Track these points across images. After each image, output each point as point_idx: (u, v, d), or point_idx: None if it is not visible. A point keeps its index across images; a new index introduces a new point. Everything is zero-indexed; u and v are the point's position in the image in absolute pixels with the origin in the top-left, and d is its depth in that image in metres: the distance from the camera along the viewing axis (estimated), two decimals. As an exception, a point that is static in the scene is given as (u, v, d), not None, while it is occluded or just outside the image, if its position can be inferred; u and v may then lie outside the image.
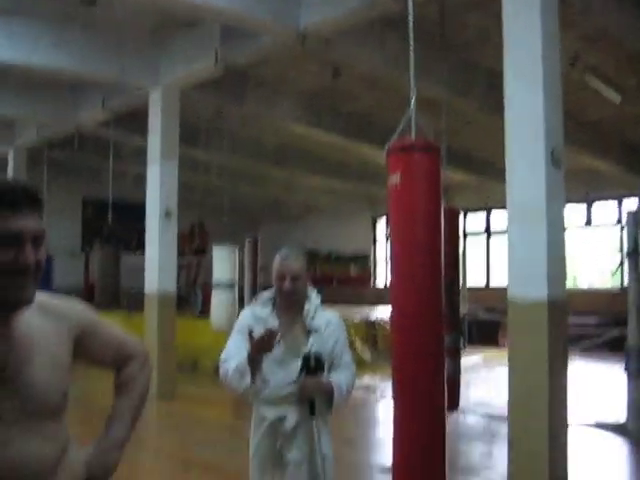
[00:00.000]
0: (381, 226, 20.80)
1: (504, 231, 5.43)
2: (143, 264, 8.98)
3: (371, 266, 21.13)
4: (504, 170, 5.26)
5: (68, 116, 10.36)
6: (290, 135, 12.45)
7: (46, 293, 1.65)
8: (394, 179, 3.24)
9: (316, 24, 6.66)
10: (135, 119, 10.21)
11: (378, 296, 18.02)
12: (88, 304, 1.90)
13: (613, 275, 14.15)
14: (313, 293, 2.98)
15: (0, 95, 9.91)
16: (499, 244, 16.68)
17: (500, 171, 5.76)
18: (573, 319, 10.76)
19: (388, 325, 10.89)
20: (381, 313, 13.27)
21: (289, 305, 2.90)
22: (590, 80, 8.75)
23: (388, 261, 16.39)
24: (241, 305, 9.07)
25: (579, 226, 15.99)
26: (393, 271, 3.36)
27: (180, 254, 10.68)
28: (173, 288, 8.88)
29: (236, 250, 10.32)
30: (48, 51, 7.80)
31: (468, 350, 13.39)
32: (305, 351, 2.78)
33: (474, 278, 16.63)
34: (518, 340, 5.16)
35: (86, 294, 14.93)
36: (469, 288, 14.27)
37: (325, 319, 2.93)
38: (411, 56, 3.68)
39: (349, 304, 15.28)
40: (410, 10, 4.11)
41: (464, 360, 8.21)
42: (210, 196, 17.32)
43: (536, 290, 4.98)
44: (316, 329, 2.88)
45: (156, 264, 8.63)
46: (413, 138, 3.37)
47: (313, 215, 21.84)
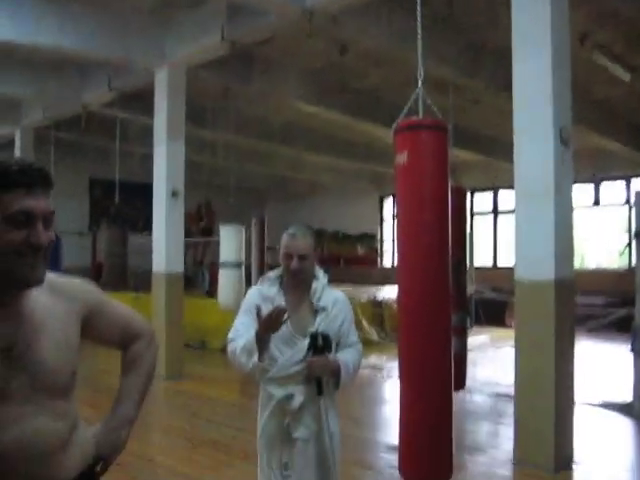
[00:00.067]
0: (388, 205, 20.75)
1: (512, 210, 5.42)
2: (150, 244, 9.02)
3: (378, 245, 21.11)
4: (512, 149, 5.24)
5: (74, 96, 10.32)
6: (297, 114, 12.39)
7: (54, 273, 1.66)
8: (401, 158, 3.22)
9: (323, 1, 6.59)
10: (141, 98, 10.18)
11: (385, 276, 18.03)
12: (95, 284, 1.90)
13: (621, 255, 14.11)
14: (320, 272, 2.98)
15: (6, 75, 9.88)
16: (507, 224, 16.61)
17: (508, 150, 5.73)
18: (580, 299, 10.76)
19: (395, 305, 10.91)
20: (388, 293, 13.28)
21: (296, 284, 2.90)
22: (599, 58, 8.66)
23: (395, 241, 16.37)
24: (248, 284, 9.08)
25: (587, 206, 15.91)
26: (400, 251, 3.36)
27: (187, 234, 10.69)
28: (180, 268, 8.91)
29: (243, 229, 10.32)
30: (53, 31, 7.75)
31: (475, 330, 13.42)
32: (312, 330, 2.79)
33: (481, 258, 16.61)
34: (525, 320, 5.17)
35: (94, 274, 14.99)
36: (476, 268, 14.25)
37: (332, 298, 2.93)
38: (418, 34, 3.65)
39: (356, 284, 15.29)
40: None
41: (471, 340, 8.22)
42: (217, 176, 17.29)
43: (543, 270, 4.98)
44: (323, 308, 2.88)
45: (163, 244, 8.65)
46: (421, 117, 3.35)
47: (320, 194, 21.80)
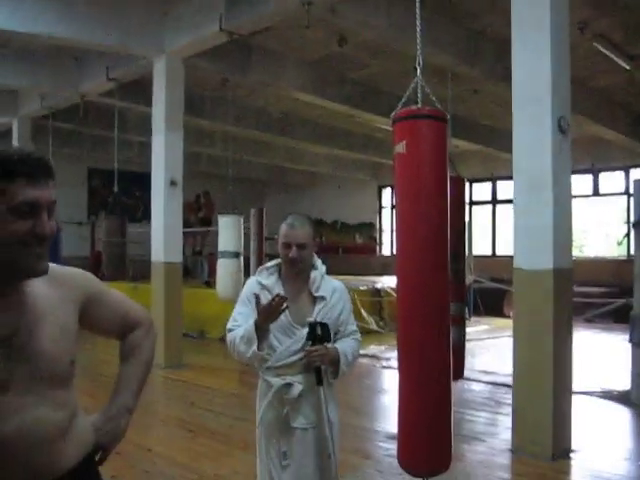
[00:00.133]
0: (387, 195, 20.75)
1: (510, 200, 5.42)
2: (149, 233, 9.02)
3: (377, 235, 21.12)
4: (511, 139, 5.23)
5: (72, 85, 10.29)
6: (295, 104, 12.38)
7: (53, 262, 1.66)
8: (400, 147, 3.21)
9: (321, -9, 6.57)
10: (140, 88, 10.16)
11: (384, 265, 18.04)
12: (94, 273, 1.91)
13: (619, 245, 14.13)
14: (319, 262, 2.98)
15: (3, 65, 9.85)
16: (505, 213, 16.61)
17: (507, 140, 5.72)
18: (578, 289, 10.78)
19: (394, 294, 10.92)
20: (387, 282, 13.29)
21: (295, 274, 2.90)
22: (599, 46, 8.64)
23: (394, 230, 16.42)
24: (247, 275, 9.09)
25: (586, 195, 15.89)
26: (398, 240, 3.35)
27: (186, 224, 10.69)
28: (179, 257, 8.93)
29: (241, 220, 10.32)
30: (51, 20, 7.71)
31: (473, 320, 13.46)
32: (311, 320, 2.79)
33: (480, 247, 16.63)
34: (523, 309, 5.18)
35: (92, 263, 14.99)
36: (475, 256, 14.28)
37: (331, 288, 2.94)
38: (417, 20, 3.63)
39: (355, 274, 15.30)
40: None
41: (469, 329, 8.24)
42: (216, 166, 17.30)
43: (542, 259, 4.98)
44: (322, 298, 2.89)
45: (162, 233, 8.65)
46: (419, 106, 3.34)
47: (318, 184, 21.80)
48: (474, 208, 17.86)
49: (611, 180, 15.90)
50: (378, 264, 19.09)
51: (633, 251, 7.02)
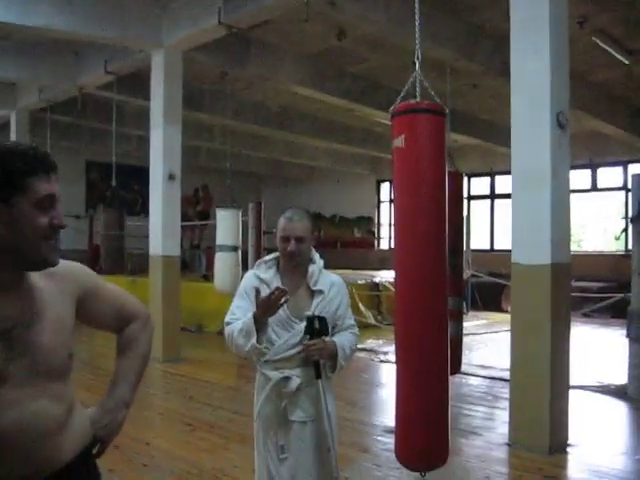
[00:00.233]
0: (385, 189, 20.75)
1: (509, 195, 5.42)
2: (147, 227, 9.02)
3: (375, 229, 21.13)
4: (509, 134, 5.23)
5: (70, 78, 10.26)
6: (294, 98, 12.37)
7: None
8: (398, 142, 3.21)
9: (320, -16, 6.56)
10: (138, 81, 10.14)
11: (382, 259, 18.05)
12: (92, 267, 1.91)
13: (617, 240, 14.13)
14: (317, 256, 2.98)
15: (4, 58, 9.82)
16: (504, 208, 16.62)
17: (505, 135, 5.72)
18: (576, 283, 10.79)
19: (392, 287, 10.92)
20: (385, 277, 13.29)
21: (293, 267, 2.90)
22: (598, 41, 8.63)
23: (392, 224, 16.41)
24: (245, 268, 9.09)
25: (584, 190, 15.90)
26: (396, 234, 3.35)
27: (184, 217, 10.67)
28: (177, 251, 8.93)
29: (239, 213, 10.31)
30: (49, 12, 7.69)
31: (471, 314, 13.49)
32: (309, 313, 2.79)
33: (478, 241, 16.65)
34: (521, 304, 5.18)
35: (90, 257, 14.98)
36: (473, 250, 14.29)
37: (329, 282, 2.94)
38: (416, 14, 3.62)
39: (353, 268, 15.31)
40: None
41: (467, 324, 8.25)
42: (214, 160, 17.28)
43: (540, 254, 4.99)
44: (320, 291, 2.89)
45: (160, 227, 8.65)
46: (418, 100, 3.33)
47: (317, 178, 21.80)
48: (472, 203, 17.88)
49: (609, 175, 15.91)
50: (376, 258, 19.12)
51: (631, 246, 7.03)
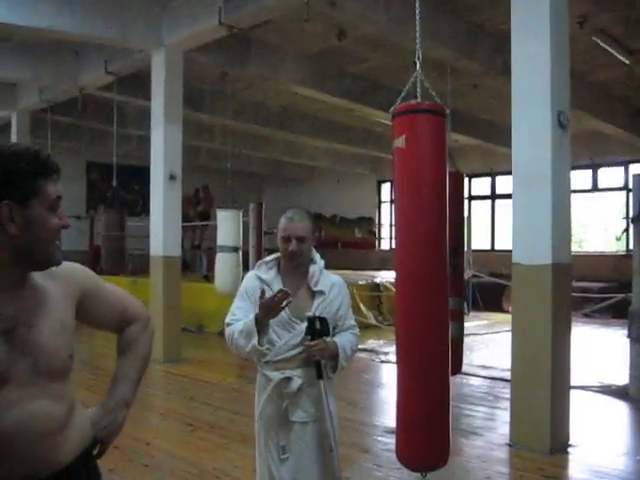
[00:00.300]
0: (386, 190, 20.74)
1: (509, 195, 5.41)
2: (148, 227, 9.01)
3: (376, 229, 21.13)
4: (510, 134, 5.23)
5: (71, 79, 10.27)
6: (294, 98, 12.36)
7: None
8: (399, 142, 3.20)
9: (321, -16, 6.55)
10: (138, 81, 10.14)
11: (383, 259, 18.04)
12: (93, 268, 1.92)
13: (618, 240, 14.13)
14: (317, 256, 2.98)
15: (5, 58, 9.83)
16: (504, 208, 16.62)
17: (506, 135, 5.71)
18: (577, 283, 10.78)
19: (393, 288, 10.91)
20: (386, 277, 13.28)
21: (294, 268, 2.90)
22: (598, 41, 8.63)
23: (392, 225, 16.40)
24: (245, 269, 9.09)
25: (585, 190, 15.89)
26: (397, 235, 3.35)
27: (185, 218, 10.67)
28: (178, 251, 8.92)
29: (240, 214, 10.31)
30: (50, 13, 7.70)
31: (472, 314, 13.48)
32: (310, 314, 2.79)
33: (479, 241, 16.64)
34: (522, 304, 5.18)
35: (91, 258, 14.98)
36: (474, 251, 14.27)
37: (329, 282, 2.94)
38: (417, 14, 3.62)
39: (354, 268, 15.30)
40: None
41: (468, 324, 8.25)
42: (215, 160, 17.27)
43: (541, 254, 4.99)
44: (321, 292, 2.89)
45: (161, 227, 8.64)
46: (419, 100, 3.33)
47: (317, 178, 21.79)
48: (473, 203, 17.87)
49: (610, 175, 15.90)
50: (377, 259, 19.10)
51: (632, 246, 7.03)
